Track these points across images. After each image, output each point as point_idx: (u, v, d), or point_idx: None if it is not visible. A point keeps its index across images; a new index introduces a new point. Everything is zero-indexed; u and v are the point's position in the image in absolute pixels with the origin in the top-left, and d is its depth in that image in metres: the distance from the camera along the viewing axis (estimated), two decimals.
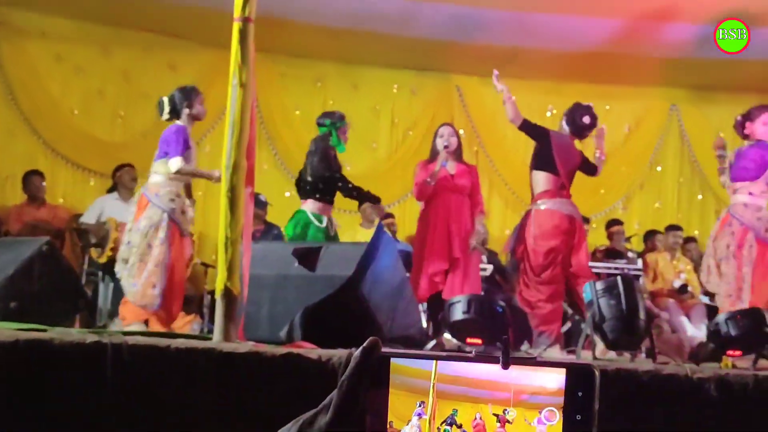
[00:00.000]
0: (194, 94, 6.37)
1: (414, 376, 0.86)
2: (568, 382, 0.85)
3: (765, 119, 6.44)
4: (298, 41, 9.57)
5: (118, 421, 3.39)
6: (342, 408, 0.83)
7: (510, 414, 0.84)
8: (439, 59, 9.97)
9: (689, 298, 8.38)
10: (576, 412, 0.84)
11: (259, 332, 4.86)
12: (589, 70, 9.91)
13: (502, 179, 10.44)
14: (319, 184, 6.62)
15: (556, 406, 0.84)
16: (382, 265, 5.06)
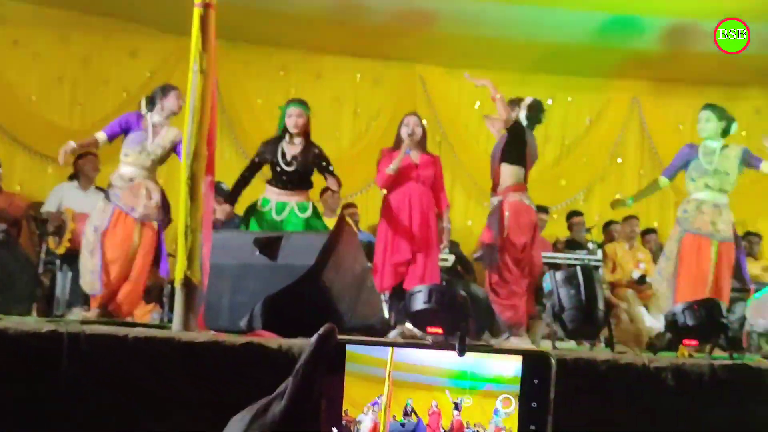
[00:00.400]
0: (170, 88, 6.39)
1: (370, 364, 0.85)
2: (525, 370, 0.85)
3: None
4: (262, 29, 9.51)
5: (75, 411, 3.35)
6: (296, 395, 0.82)
7: (466, 402, 0.84)
8: (403, 49, 9.96)
9: (648, 289, 8.46)
10: (532, 400, 0.84)
11: (219, 322, 4.83)
12: (552, 62, 9.97)
13: (465, 170, 10.46)
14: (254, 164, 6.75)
15: (512, 393, 0.84)
16: (344, 255, 5.04)
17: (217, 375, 3.47)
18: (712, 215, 6.54)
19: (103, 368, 3.45)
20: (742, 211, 10.29)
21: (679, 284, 6.45)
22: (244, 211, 6.70)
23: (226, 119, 9.91)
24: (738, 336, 6.11)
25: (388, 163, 6.62)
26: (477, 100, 10.60)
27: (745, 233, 9.62)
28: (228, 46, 9.30)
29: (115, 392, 3.44)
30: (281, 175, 6.46)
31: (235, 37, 9.36)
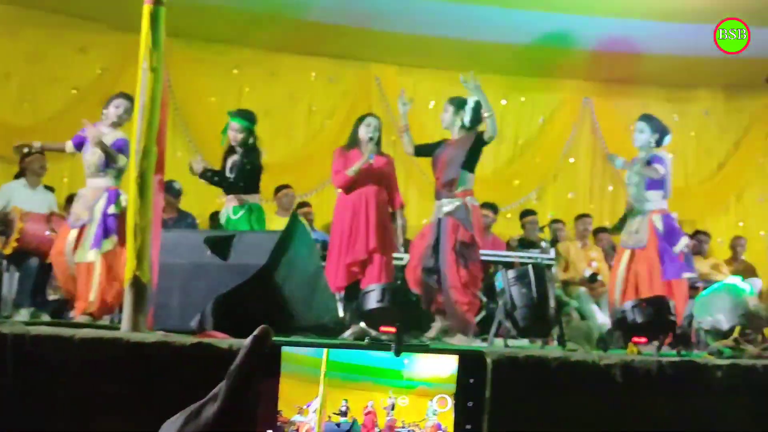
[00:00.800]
0: (114, 97, 6.46)
1: (305, 365, 0.85)
2: (460, 370, 0.85)
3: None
4: (215, 27, 9.44)
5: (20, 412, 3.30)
6: (230, 397, 0.82)
7: (402, 401, 0.84)
8: (358, 48, 9.96)
9: (599, 287, 8.56)
10: (468, 399, 0.85)
11: (170, 322, 4.78)
12: (504, 63, 10.03)
13: (419, 169, 10.47)
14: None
15: (448, 393, 0.84)
16: (297, 254, 5.03)
17: (165, 375, 3.44)
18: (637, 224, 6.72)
19: (49, 369, 3.41)
20: (691, 212, 10.48)
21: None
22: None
23: (179, 118, 9.82)
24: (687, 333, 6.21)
25: (343, 163, 6.60)
26: (432, 100, 10.62)
27: (694, 232, 9.77)
28: (181, 44, 9.23)
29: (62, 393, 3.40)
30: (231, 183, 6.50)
31: (188, 35, 9.28)
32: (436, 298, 6.06)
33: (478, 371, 0.85)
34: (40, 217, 6.88)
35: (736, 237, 10.14)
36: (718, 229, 10.74)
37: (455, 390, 0.84)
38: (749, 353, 4.98)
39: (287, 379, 0.85)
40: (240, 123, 6.67)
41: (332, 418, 0.84)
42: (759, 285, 8.74)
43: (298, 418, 0.84)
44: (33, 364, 3.40)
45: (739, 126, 11.06)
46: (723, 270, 9.34)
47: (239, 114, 6.82)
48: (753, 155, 10.97)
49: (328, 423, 0.84)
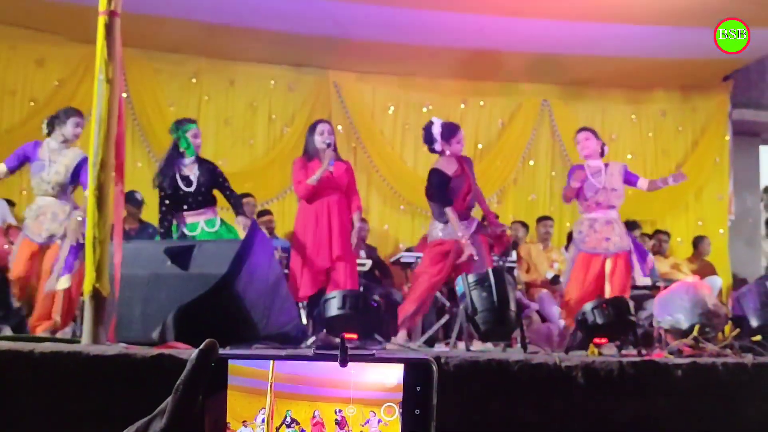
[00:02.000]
0: (69, 113, 6.38)
1: (252, 377, 0.85)
2: (406, 377, 0.85)
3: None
4: (172, 37, 9.38)
5: None
6: (176, 412, 0.82)
7: (349, 411, 0.85)
8: (316, 55, 9.96)
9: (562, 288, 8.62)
10: (415, 407, 0.85)
11: (131, 333, 4.76)
12: (463, 67, 10.08)
13: (380, 175, 10.51)
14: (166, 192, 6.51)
15: (395, 401, 0.85)
16: (257, 263, 5.02)
17: (126, 388, 3.41)
18: (605, 232, 6.80)
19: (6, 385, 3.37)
20: (651, 212, 10.61)
21: (566, 298, 6.80)
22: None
23: (138, 128, 9.76)
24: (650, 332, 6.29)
25: (304, 173, 6.59)
26: (391, 105, 10.66)
27: (654, 232, 9.89)
28: (138, 54, 9.18)
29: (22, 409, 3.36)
30: (185, 198, 6.39)
31: (145, 45, 9.23)
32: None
33: (425, 379, 0.86)
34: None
35: (700, 236, 10.27)
36: (678, 229, 10.88)
37: (402, 398, 0.85)
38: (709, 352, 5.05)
39: (234, 391, 0.85)
40: (196, 128, 6.64)
41: (281, 430, 0.85)
42: (719, 284, 8.87)
43: (245, 430, 0.84)
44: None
45: (695, 126, 11.21)
46: (683, 269, 9.45)
47: (190, 120, 6.81)
48: (710, 154, 11.13)
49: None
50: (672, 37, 8.98)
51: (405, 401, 0.85)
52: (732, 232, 11.06)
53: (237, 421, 0.84)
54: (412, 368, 0.86)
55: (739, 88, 10.88)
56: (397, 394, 0.85)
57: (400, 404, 0.85)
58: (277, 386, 0.85)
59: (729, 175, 11.10)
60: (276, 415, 0.84)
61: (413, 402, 0.85)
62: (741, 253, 11.03)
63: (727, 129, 11.13)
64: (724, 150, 11.14)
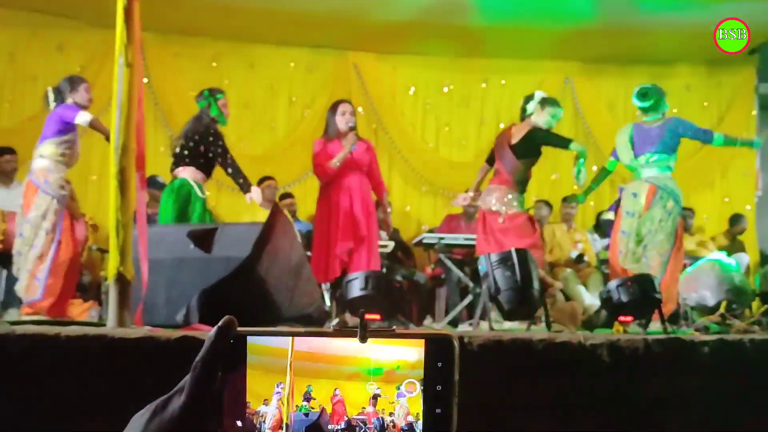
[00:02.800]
0: (78, 81, 6.28)
1: (271, 355, 0.84)
2: (427, 354, 0.84)
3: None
4: (192, 20, 9.38)
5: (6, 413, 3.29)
6: (196, 390, 0.81)
7: (370, 388, 0.84)
8: (335, 36, 9.92)
9: (586, 267, 8.59)
10: (436, 383, 0.84)
11: (155, 317, 4.79)
12: (485, 45, 10.01)
13: (402, 156, 10.47)
14: (200, 150, 6.46)
15: (416, 377, 0.84)
16: (279, 245, 5.02)
17: (151, 371, 3.43)
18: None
19: (34, 369, 3.39)
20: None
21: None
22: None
23: (159, 112, 9.78)
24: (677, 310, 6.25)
25: (324, 154, 6.57)
26: (412, 86, 10.61)
27: None
28: (158, 39, 9.18)
29: (48, 392, 3.38)
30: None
31: (164, 29, 9.23)
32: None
33: (446, 355, 0.84)
34: None
35: (737, 215, 10.18)
36: (704, 206, 10.77)
37: (423, 374, 0.84)
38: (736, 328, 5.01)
39: (254, 369, 0.84)
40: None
41: (300, 408, 0.84)
42: (746, 260, 8.80)
43: (264, 408, 0.83)
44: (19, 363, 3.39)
45: (721, 101, 11.08)
46: (709, 246, 9.38)
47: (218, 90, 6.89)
48: (736, 129, 10.97)
49: (297, 413, 0.84)
50: (696, 10, 8.86)
51: (426, 377, 0.84)
52: (759, 209, 10.94)
53: (257, 399, 0.83)
54: (432, 344, 0.84)
55: (765, 61, 10.72)
56: (418, 371, 0.84)
57: (421, 381, 0.84)
58: (296, 364, 0.84)
59: (756, 151, 10.97)
60: (296, 393, 0.83)
61: (434, 378, 0.84)
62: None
63: (754, 104, 11.00)
64: (751, 125, 11.00)
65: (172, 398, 0.83)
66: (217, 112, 6.53)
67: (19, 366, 3.39)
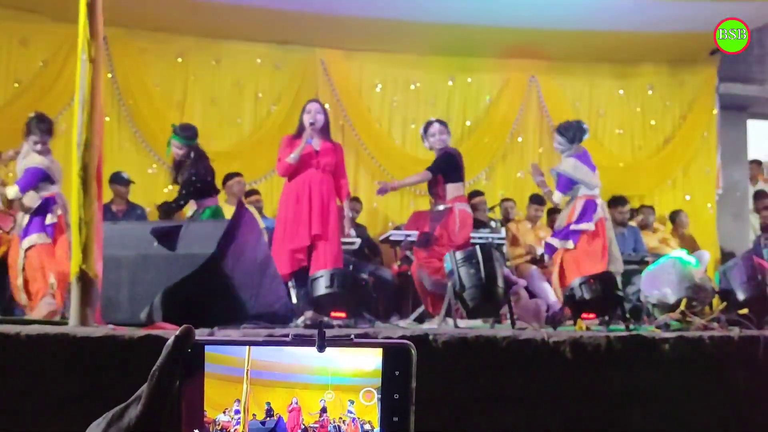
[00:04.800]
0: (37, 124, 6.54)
1: (229, 364, 0.84)
2: (385, 362, 0.85)
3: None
4: (158, 15, 9.30)
5: None
6: (152, 399, 0.81)
7: (328, 396, 0.84)
8: (303, 32, 9.89)
9: (551, 265, 8.64)
10: (394, 392, 0.85)
11: (119, 315, 4.76)
12: (449, 43, 10.04)
13: (368, 153, 10.48)
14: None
15: (373, 386, 0.85)
16: (244, 242, 5.01)
17: (113, 369, 3.41)
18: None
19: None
20: (638, 187, 10.63)
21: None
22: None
23: (124, 108, 9.69)
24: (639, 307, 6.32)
25: (289, 150, 6.59)
26: (379, 83, 10.62)
27: (639, 207, 9.91)
28: (123, 34, 9.11)
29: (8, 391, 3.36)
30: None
31: (130, 24, 9.16)
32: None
33: (404, 363, 0.85)
34: None
35: (676, 210, 10.31)
36: (666, 204, 10.89)
37: (381, 383, 0.85)
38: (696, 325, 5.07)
39: (211, 379, 0.84)
40: (179, 141, 6.86)
41: (257, 416, 0.84)
42: (707, 258, 8.90)
43: (222, 417, 0.84)
44: None
45: (683, 100, 11.20)
46: (671, 244, 9.48)
47: (179, 131, 6.96)
48: (698, 128, 11.13)
49: (253, 421, 0.84)
50: (659, 10, 8.95)
51: (384, 385, 0.85)
52: (720, 206, 11.08)
53: (214, 409, 0.84)
54: (390, 352, 0.85)
55: (726, 62, 10.86)
56: (375, 380, 0.85)
57: (378, 389, 0.85)
58: (253, 373, 0.84)
59: (717, 149, 11.11)
60: (253, 403, 0.84)
61: (392, 386, 0.85)
62: (729, 227, 11.06)
63: (715, 103, 11.13)
64: (712, 124, 11.15)
65: (129, 407, 0.83)
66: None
67: None
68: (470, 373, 3.96)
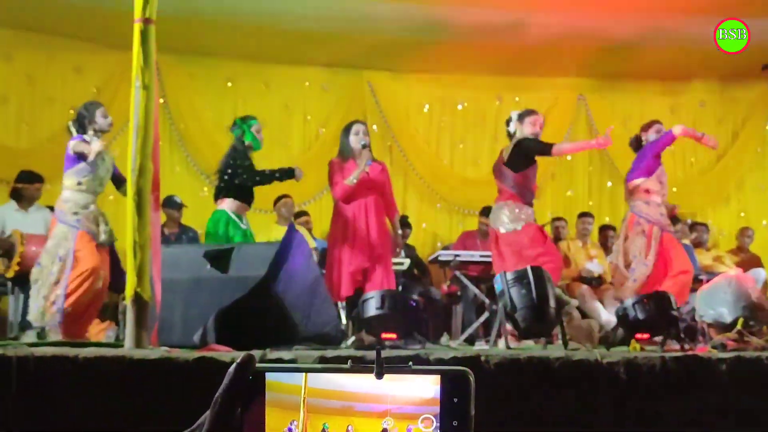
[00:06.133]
0: (94, 107, 6.32)
1: (286, 392, 0.85)
2: (443, 389, 0.85)
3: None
4: (206, 41, 9.45)
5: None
6: (215, 426, 0.82)
7: (386, 424, 0.85)
8: (350, 55, 9.96)
9: (602, 283, 8.55)
10: (452, 419, 0.85)
11: (173, 337, 4.81)
12: (498, 63, 10.03)
13: (417, 173, 10.50)
14: (234, 181, 6.55)
15: (432, 413, 0.85)
16: (295, 264, 5.04)
17: (169, 391, 3.45)
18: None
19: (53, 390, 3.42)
20: (692, 204, 10.49)
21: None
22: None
23: (175, 133, 9.84)
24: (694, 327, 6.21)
25: (341, 174, 6.61)
26: (426, 104, 10.64)
27: (692, 224, 9.76)
28: (173, 60, 9.26)
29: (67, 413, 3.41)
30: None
31: (180, 50, 9.30)
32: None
33: (462, 390, 0.85)
34: (39, 239, 6.87)
35: (743, 228, 10.11)
36: (720, 220, 10.74)
37: (439, 410, 0.85)
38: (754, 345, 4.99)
39: (271, 406, 0.85)
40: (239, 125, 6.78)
41: None
42: (763, 276, 8.74)
43: None
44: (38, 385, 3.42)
45: (735, 116, 11.05)
46: (726, 262, 9.32)
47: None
48: (751, 145, 10.97)
49: None
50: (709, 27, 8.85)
51: (442, 413, 0.85)
52: None
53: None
54: (449, 379, 0.85)
55: None
56: (434, 407, 0.85)
57: (437, 416, 0.85)
58: (310, 401, 0.85)
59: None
60: (310, 429, 0.85)
61: (451, 414, 0.85)
62: None
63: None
64: (766, 140, 10.98)
65: None
66: (251, 137, 6.65)
67: (38, 388, 3.42)
68: (523, 395, 3.94)
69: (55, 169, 6.36)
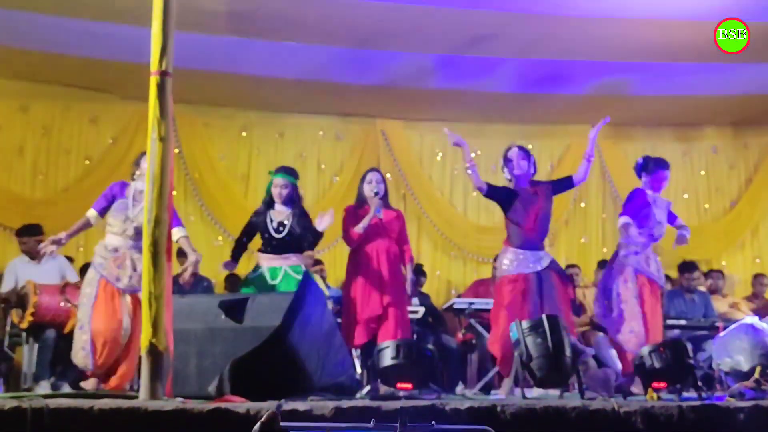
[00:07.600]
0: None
1: None
2: None
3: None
4: (221, 91, 9.56)
5: None
6: None
7: None
8: (363, 104, 10.05)
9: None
10: None
11: (187, 388, 4.80)
12: (510, 111, 10.10)
13: (431, 221, 10.52)
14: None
15: None
16: (310, 313, 5.04)
17: None
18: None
19: None
20: (707, 251, 10.45)
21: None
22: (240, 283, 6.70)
23: (190, 182, 9.91)
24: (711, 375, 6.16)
25: (354, 221, 6.67)
26: (439, 152, 10.70)
27: (707, 271, 9.71)
28: (188, 110, 9.37)
29: None
30: (271, 241, 6.48)
31: (195, 100, 9.42)
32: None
33: None
34: (53, 289, 6.89)
35: (758, 275, 10.04)
36: (735, 267, 10.68)
37: None
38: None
39: None
40: (285, 178, 6.75)
41: None
42: None
43: None
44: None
45: (748, 162, 11.06)
46: (742, 308, 9.25)
47: (283, 169, 6.92)
48: (765, 190, 10.95)
49: None
50: (721, 74, 8.91)
51: None
52: None
53: None
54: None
55: None
56: None
57: None
58: None
59: None
60: None
61: None
62: None
63: None
64: None
65: None
66: (267, 193, 6.73)
67: None
68: None
69: (70, 220, 6.38)
